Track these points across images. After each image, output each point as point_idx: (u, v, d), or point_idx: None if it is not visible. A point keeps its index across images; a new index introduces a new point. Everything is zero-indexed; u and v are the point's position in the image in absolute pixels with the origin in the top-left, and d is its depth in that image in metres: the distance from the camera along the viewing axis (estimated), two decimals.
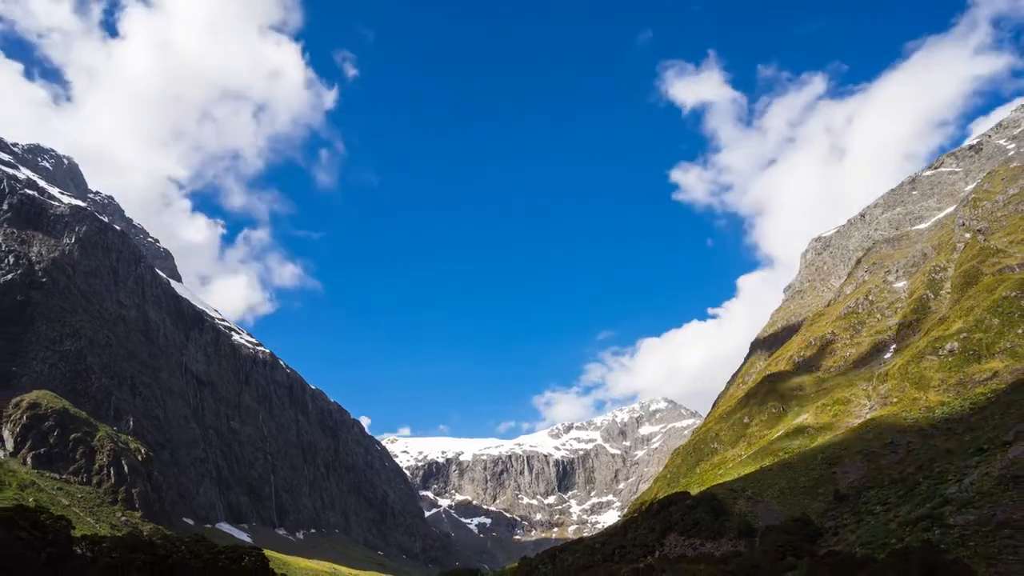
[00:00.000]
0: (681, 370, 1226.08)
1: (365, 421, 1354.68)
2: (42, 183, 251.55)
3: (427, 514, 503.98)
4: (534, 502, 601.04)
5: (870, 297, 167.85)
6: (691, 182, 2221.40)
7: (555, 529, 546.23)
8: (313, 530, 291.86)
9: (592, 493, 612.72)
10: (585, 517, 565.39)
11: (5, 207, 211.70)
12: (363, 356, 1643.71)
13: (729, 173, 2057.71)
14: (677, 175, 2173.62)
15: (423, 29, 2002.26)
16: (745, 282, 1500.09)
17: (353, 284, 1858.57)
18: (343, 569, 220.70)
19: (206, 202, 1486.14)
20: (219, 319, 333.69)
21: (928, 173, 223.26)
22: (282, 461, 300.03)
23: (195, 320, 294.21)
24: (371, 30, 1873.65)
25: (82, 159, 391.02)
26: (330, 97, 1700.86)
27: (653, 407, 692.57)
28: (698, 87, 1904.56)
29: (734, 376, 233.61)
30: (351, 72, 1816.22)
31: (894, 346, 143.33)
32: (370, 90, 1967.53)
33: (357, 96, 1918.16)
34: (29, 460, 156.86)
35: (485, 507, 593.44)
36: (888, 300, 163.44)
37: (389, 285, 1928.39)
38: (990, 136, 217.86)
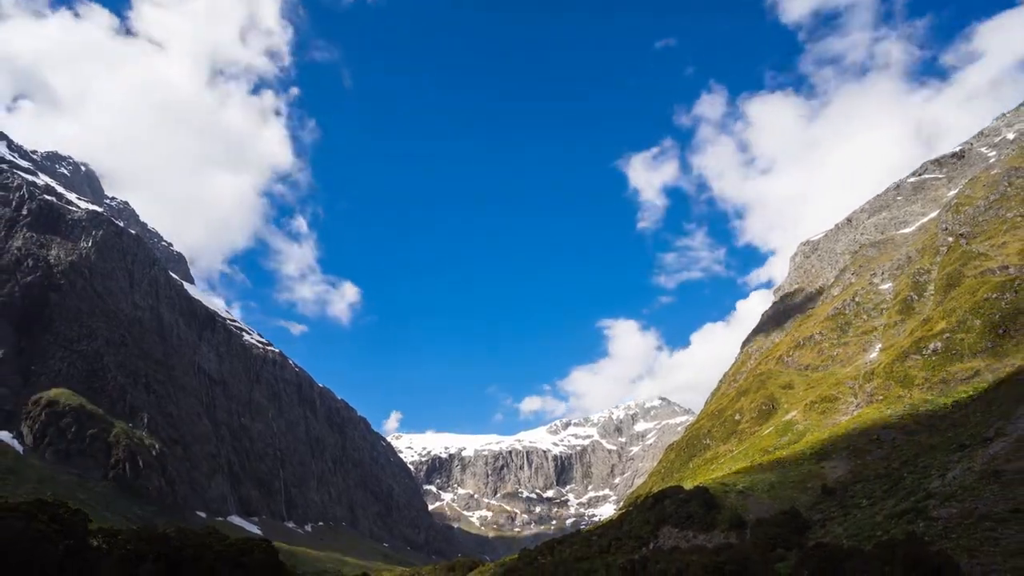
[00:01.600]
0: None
1: (396, 417, 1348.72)
2: (60, 189, 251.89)
3: (430, 507, 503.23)
4: (533, 496, 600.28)
5: (856, 299, 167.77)
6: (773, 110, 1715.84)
7: (553, 522, 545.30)
8: (321, 523, 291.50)
9: (589, 487, 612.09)
10: (582, 510, 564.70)
11: (25, 212, 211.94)
12: (371, 356, 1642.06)
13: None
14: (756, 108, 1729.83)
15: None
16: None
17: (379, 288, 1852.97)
18: (350, 560, 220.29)
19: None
20: (230, 320, 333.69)
21: (912, 179, 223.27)
22: (291, 456, 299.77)
23: (207, 321, 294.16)
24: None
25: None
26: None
27: (648, 404, 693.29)
28: None
29: (725, 374, 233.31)
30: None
31: (879, 346, 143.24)
32: (372, 96, 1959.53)
33: (361, 100, 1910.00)
34: (48, 455, 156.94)
35: (486, 500, 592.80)
36: (874, 302, 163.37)
37: (402, 287, 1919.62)
38: (972, 144, 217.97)
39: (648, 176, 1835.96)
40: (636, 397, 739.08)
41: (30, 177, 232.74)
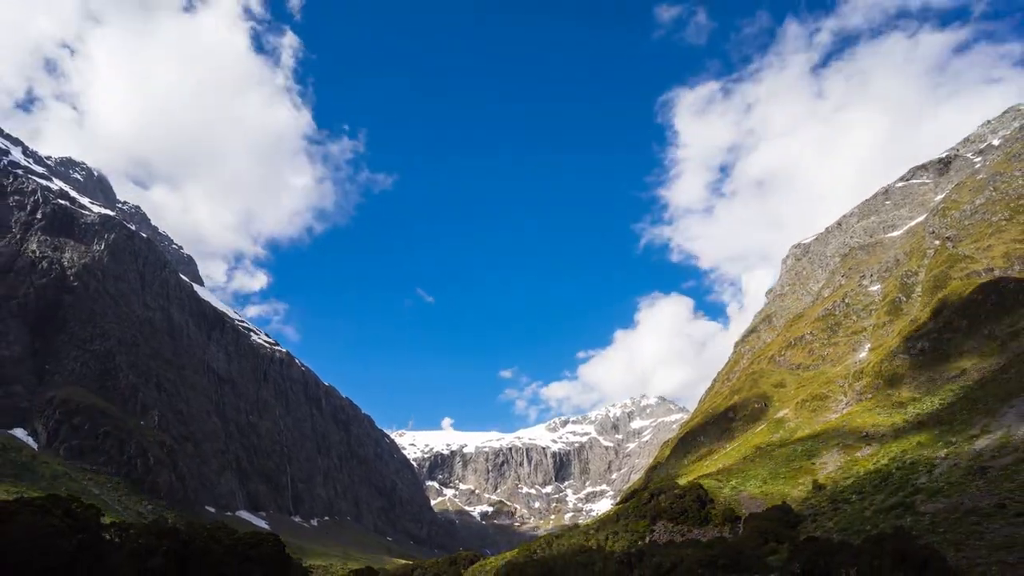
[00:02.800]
0: None
1: (411, 422, 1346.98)
2: (73, 193, 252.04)
3: (433, 503, 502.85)
4: (533, 491, 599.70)
5: (846, 300, 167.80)
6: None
7: (552, 516, 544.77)
8: (327, 517, 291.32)
9: (587, 483, 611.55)
10: (580, 505, 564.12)
11: (39, 216, 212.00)
12: (385, 357, 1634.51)
13: None
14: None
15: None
16: None
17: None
18: (354, 554, 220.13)
19: None
20: (239, 320, 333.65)
21: (900, 184, 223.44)
22: (298, 453, 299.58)
23: (216, 321, 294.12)
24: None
25: None
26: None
27: (644, 403, 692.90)
28: None
29: (719, 373, 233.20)
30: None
31: (868, 345, 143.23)
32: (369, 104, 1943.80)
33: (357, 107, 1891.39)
34: (62, 452, 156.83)
35: (487, 496, 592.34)
36: (863, 303, 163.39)
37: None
38: (958, 150, 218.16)
39: (697, 122, 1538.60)
40: (633, 395, 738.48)
41: (44, 182, 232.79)
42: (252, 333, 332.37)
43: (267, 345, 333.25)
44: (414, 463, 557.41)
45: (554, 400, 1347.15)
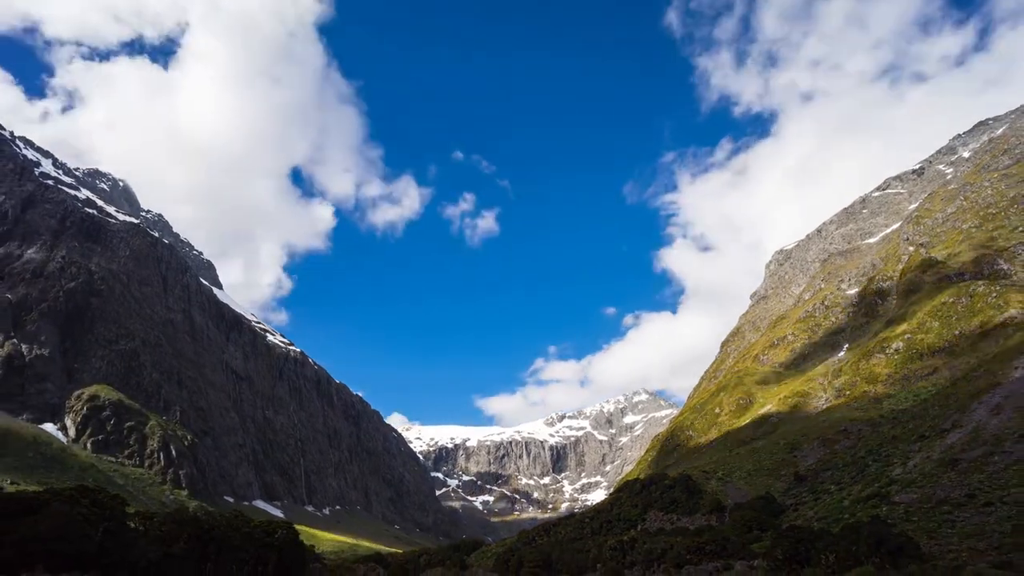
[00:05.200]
0: None
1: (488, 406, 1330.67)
2: (100, 203, 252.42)
3: (438, 493, 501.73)
4: (531, 482, 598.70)
5: (826, 303, 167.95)
6: None
7: (550, 506, 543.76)
8: (338, 507, 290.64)
9: (582, 474, 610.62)
10: (576, 495, 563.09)
11: (68, 224, 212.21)
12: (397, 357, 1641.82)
13: None
14: None
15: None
16: None
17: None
18: (364, 542, 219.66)
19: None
20: (255, 322, 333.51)
21: (876, 194, 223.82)
22: (310, 446, 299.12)
23: (234, 323, 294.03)
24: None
25: None
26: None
27: (636, 399, 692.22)
28: None
29: (706, 372, 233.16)
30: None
31: (847, 345, 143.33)
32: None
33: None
34: (89, 445, 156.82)
35: (489, 487, 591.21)
36: (842, 305, 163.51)
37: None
38: (931, 162, 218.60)
39: None
40: (626, 392, 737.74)
41: (73, 192, 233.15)
42: (268, 333, 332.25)
43: (282, 345, 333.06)
44: (420, 455, 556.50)
45: (599, 372, 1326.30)
